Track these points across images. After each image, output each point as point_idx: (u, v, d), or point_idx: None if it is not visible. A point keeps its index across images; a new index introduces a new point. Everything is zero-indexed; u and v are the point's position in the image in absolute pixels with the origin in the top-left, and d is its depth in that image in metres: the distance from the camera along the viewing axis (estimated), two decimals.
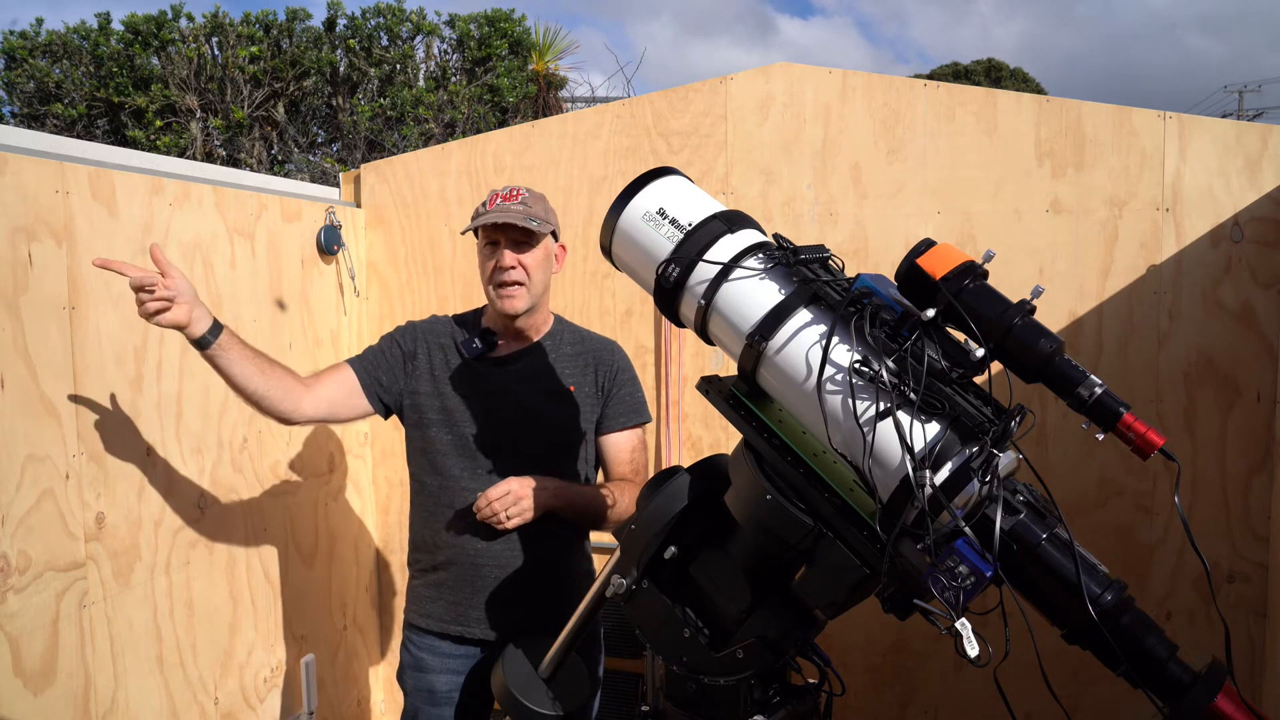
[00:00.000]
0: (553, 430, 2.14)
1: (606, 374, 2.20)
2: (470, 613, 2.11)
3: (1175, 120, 2.71)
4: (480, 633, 2.11)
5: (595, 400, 2.19)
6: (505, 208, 2.06)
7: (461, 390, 2.13)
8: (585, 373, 2.19)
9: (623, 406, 2.20)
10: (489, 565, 2.09)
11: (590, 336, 2.27)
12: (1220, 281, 2.69)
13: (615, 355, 2.24)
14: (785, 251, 1.37)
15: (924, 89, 2.87)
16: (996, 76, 22.89)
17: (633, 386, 2.24)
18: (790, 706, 1.46)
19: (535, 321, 2.18)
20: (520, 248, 2.07)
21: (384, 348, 2.21)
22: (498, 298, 2.09)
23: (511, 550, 2.09)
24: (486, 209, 2.08)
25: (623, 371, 2.23)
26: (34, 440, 1.91)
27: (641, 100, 3.08)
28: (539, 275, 2.11)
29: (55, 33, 10.41)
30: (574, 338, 2.24)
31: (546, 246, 2.13)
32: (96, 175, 2.10)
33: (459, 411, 2.12)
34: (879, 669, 3.00)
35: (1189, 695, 1.11)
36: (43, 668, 1.93)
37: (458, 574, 2.12)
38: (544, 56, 11.35)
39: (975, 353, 1.17)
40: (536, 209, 2.09)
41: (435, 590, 2.16)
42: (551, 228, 2.13)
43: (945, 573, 1.10)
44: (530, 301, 2.10)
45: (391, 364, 2.18)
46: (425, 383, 2.16)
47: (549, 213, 2.15)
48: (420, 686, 2.15)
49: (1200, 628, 2.72)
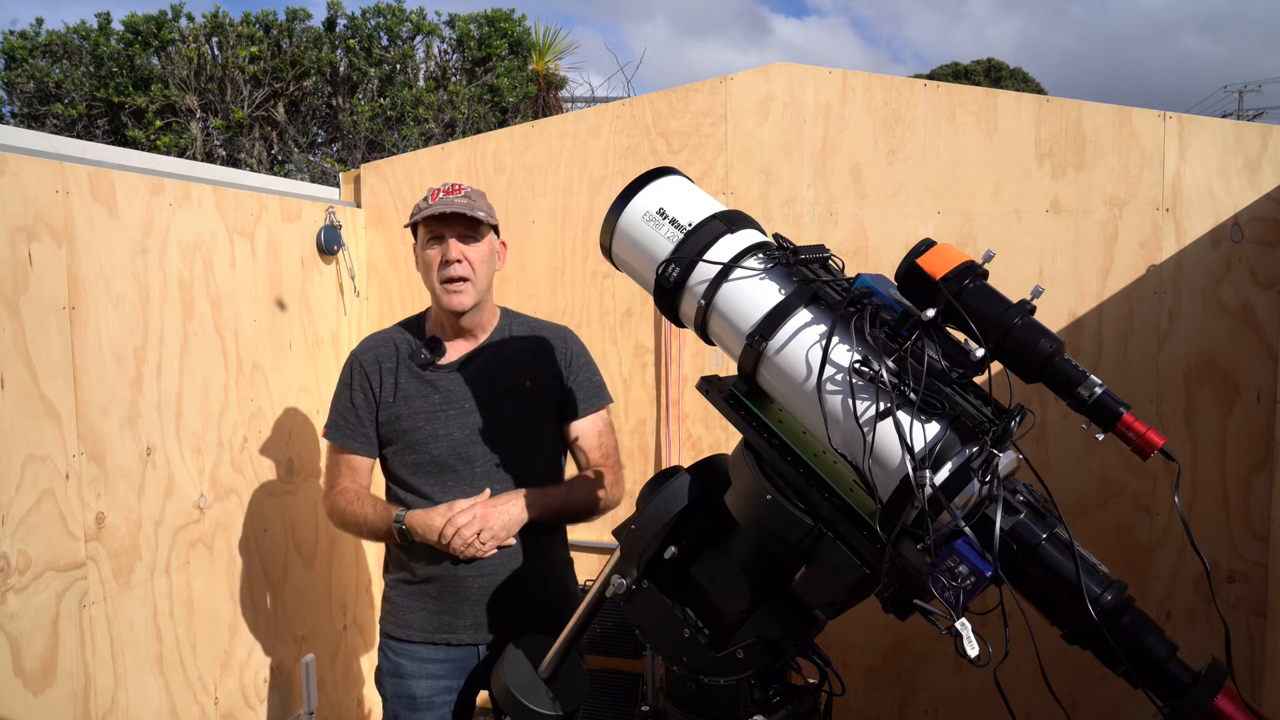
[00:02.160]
0: (517, 429, 2.11)
1: (562, 361, 2.17)
2: (457, 621, 2.08)
3: (1175, 120, 2.71)
4: (469, 636, 2.09)
5: (555, 391, 2.16)
6: (449, 200, 2.04)
7: (416, 407, 2.09)
8: (540, 364, 2.15)
9: (583, 393, 2.18)
10: (472, 576, 2.06)
11: (540, 325, 2.24)
12: (1220, 281, 2.69)
13: (568, 341, 2.21)
14: (785, 251, 1.37)
15: (924, 89, 2.87)
16: (996, 76, 22.88)
17: (590, 370, 2.21)
18: (790, 706, 1.46)
19: (481, 319, 2.15)
20: (466, 240, 2.06)
21: (351, 404, 2.14)
22: (443, 294, 2.06)
23: (493, 560, 2.05)
24: (429, 203, 2.06)
25: (577, 357, 2.20)
26: (34, 440, 1.91)
27: (641, 100, 3.08)
28: (484, 270, 2.09)
29: (55, 33, 10.41)
30: (523, 330, 2.20)
31: (490, 242, 2.12)
32: (96, 175, 2.10)
33: (417, 431, 2.08)
34: (879, 669, 3.00)
35: (1189, 695, 1.11)
36: (43, 668, 1.93)
37: (440, 588, 2.08)
38: (544, 56, 11.35)
39: (975, 353, 1.17)
40: (480, 203, 2.09)
41: (416, 601, 2.11)
42: (495, 222, 2.13)
43: (945, 573, 1.10)
44: (476, 297, 2.08)
45: (364, 416, 2.13)
46: (384, 409, 2.12)
47: (490, 209, 2.14)
48: (400, 692, 2.12)
49: (1200, 628, 2.72)
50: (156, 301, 2.26)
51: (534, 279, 3.16)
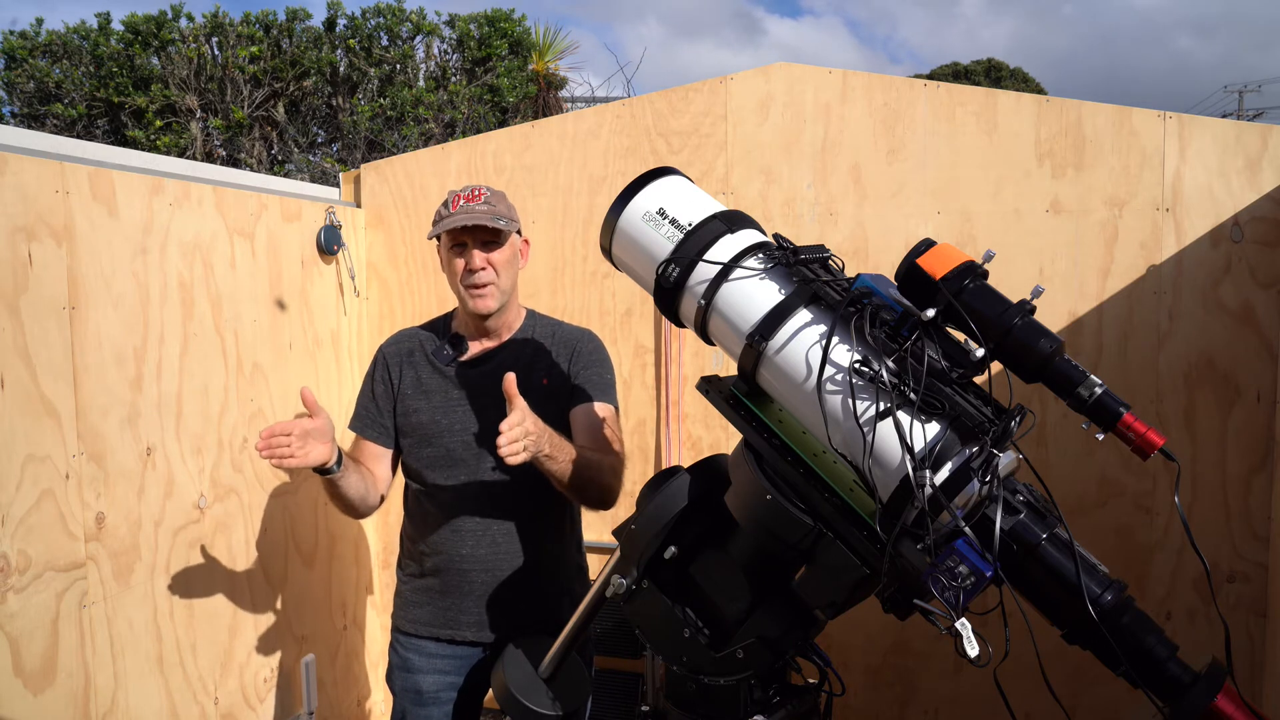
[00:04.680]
0: None
1: (575, 359, 2.16)
2: (461, 617, 2.11)
3: (1175, 120, 2.71)
4: (472, 635, 2.11)
5: (566, 389, 2.15)
6: (470, 209, 2.05)
7: (435, 401, 2.13)
8: (557, 364, 2.16)
9: (588, 384, 2.14)
10: (476, 570, 2.09)
11: (564, 327, 2.23)
12: (1220, 281, 2.69)
13: (584, 341, 2.19)
14: (785, 251, 1.37)
15: (924, 89, 2.87)
16: (996, 76, 22.88)
17: (599, 369, 2.17)
18: (790, 706, 1.46)
19: (506, 320, 2.17)
20: (488, 247, 2.07)
21: (372, 394, 2.19)
22: (469, 298, 2.08)
23: (498, 555, 2.09)
24: (450, 211, 2.07)
25: (590, 355, 2.17)
26: (34, 440, 1.91)
27: (641, 100, 3.08)
28: (507, 273, 2.10)
29: (55, 33, 10.40)
30: (547, 331, 2.21)
31: (513, 244, 2.13)
32: (96, 175, 2.10)
33: (434, 424, 2.11)
34: (879, 669, 3.00)
35: (1189, 695, 1.11)
36: (43, 668, 1.93)
37: (445, 581, 2.11)
38: (544, 56, 11.35)
39: (975, 353, 1.17)
40: (500, 207, 2.09)
41: (423, 595, 2.15)
42: (516, 225, 2.13)
43: (945, 573, 1.10)
44: (501, 300, 2.10)
45: (383, 407, 2.18)
46: (401, 402, 2.16)
47: (512, 210, 2.14)
48: (408, 687, 2.16)
49: (1200, 628, 2.72)
50: (156, 301, 2.26)
51: (534, 279, 3.16)
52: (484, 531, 2.08)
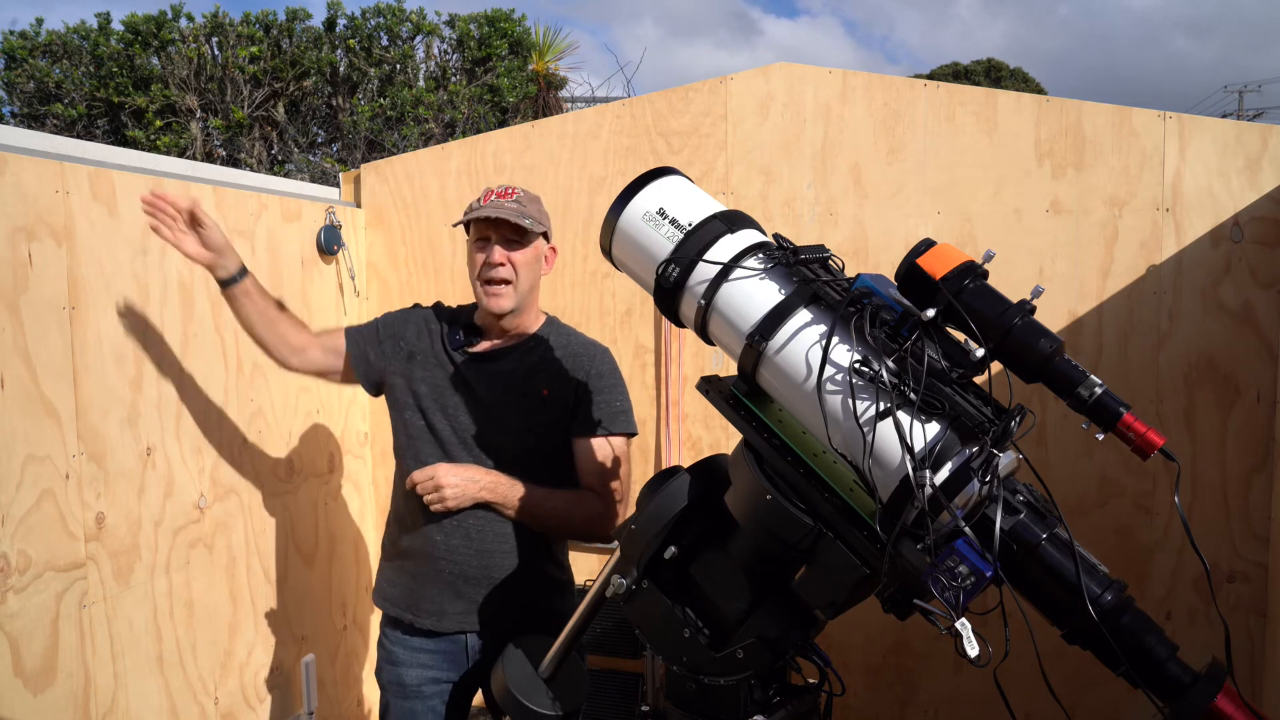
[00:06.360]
0: (521, 433, 2.08)
1: (585, 377, 2.10)
2: (421, 603, 2.11)
3: (1175, 120, 2.71)
4: (430, 624, 2.10)
5: (569, 404, 2.09)
6: (499, 204, 2.05)
7: (435, 378, 2.13)
8: (562, 375, 2.11)
9: (597, 412, 2.08)
10: (444, 559, 2.07)
11: (577, 340, 2.18)
12: (1220, 281, 2.69)
13: (596, 359, 2.13)
14: (785, 251, 1.37)
15: (924, 89, 2.87)
16: (997, 76, 22.87)
17: (612, 393, 2.11)
18: (790, 706, 1.46)
19: (522, 322, 2.16)
20: (511, 245, 2.07)
21: (382, 324, 2.25)
22: (484, 295, 2.08)
23: (468, 548, 2.06)
24: (480, 204, 2.07)
25: (604, 376, 2.11)
26: (34, 440, 1.91)
27: (641, 100, 3.08)
28: (527, 275, 2.09)
29: (55, 33, 10.40)
30: (560, 341, 2.16)
31: (537, 247, 2.12)
32: (96, 175, 2.10)
33: (428, 399, 2.12)
34: (879, 669, 3.00)
35: (1189, 695, 1.11)
36: (43, 668, 1.94)
37: (415, 563, 2.12)
38: (544, 57, 11.35)
39: (975, 353, 1.17)
40: (530, 209, 2.09)
41: (396, 574, 2.18)
42: (544, 229, 2.12)
43: (945, 573, 1.09)
44: (516, 301, 2.09)
45: (383, 341, 2.21)
46: (403, 364, 2.17)
47: (543, 215, 2.14)
48: (392, 680, 2.17)
49: (1200, 628, 2.72)
50: (156, 301, 2.26)
51: None
52: (458, 523, 2.06)
